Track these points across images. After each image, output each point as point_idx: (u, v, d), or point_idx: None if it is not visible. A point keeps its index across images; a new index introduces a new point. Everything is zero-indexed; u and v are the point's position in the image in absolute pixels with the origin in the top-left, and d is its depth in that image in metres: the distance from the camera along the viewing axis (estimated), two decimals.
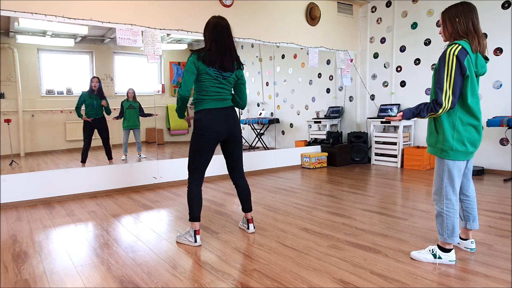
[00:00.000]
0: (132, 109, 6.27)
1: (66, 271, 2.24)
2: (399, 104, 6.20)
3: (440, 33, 2.24)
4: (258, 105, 8.33)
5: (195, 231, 2.61)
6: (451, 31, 2.13)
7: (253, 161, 5.72)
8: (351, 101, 7.04)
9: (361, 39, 6.84)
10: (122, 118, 6.26)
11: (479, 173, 5.02)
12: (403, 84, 6.21)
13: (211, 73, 2.52)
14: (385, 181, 4.78)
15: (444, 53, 2.05)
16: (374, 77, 6.67)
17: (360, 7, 6.78)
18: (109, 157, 5.62)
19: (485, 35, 5.06)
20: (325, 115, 7.21)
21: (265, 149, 7.13)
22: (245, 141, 8.14)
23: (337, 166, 6.18)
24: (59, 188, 4.16)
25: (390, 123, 5.97)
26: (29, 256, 2.49)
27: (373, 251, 2.42)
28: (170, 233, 2.92)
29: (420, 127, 6.07)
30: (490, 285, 1.91)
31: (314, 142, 6.89)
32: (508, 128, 4.85)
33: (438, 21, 5.53)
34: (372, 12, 6.61)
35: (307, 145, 6.72)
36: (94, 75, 6.69)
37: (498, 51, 5.00)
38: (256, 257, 2.38)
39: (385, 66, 6.47)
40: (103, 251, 2.55)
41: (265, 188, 4.54)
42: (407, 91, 6.15)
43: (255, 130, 7.95)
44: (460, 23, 2.08)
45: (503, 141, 5.02)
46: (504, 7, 4.90)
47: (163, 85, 7.78)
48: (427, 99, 5.77)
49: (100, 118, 5.49)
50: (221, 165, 5.10)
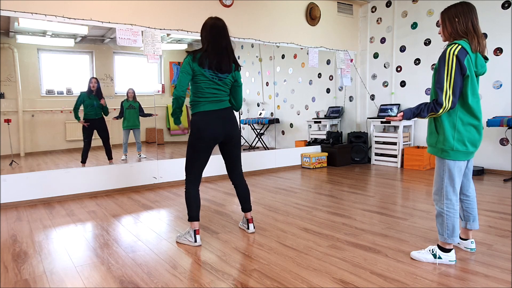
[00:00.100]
0: (132, 109, 6.27)
1: (66, 271, 2.24)
2: (399, 104, 6.20)
3: (440, 33, 2.24)
4: (258, 105, 8.33)
5: (194, 231, 2.61)
6: (450, 31, 2.13)
7: (253, 161, 5.72)
8: (351, 101, 7.04)
9: (361, 39, 6.84)
10: (122, 118, 6.26)
11: (479, 173, 5.02)
12: (403, 84, 6.21)
13: (207, 74, 2.52)
14: (385, 181, 4.78)
15: (444, 53, 2.04)
16: (374, 77, 6.67)
17: (360, 7, 6.78)
18: (109, 157, 5.62)
19: (485, 35, 5.07)
20: (325, 115, 7.21)
21: (265, 149, 7.13)
22: (245, 141, 8.14)
23: (337, 166, 6.18)
24: (59, 188, 4.16)
25: (390, 123, 5.97)
26: (29, 256, 2.49)
27: (373, 251, 2.42)
28: (170, 233, 2.92)
29: (420, 127, 6.07)
30: (490, 285, 1.91)
31: (314, 142, 6.89)
32: (508, 128, 4.85)
33: (438, 21, 5.52)
34: (372, 12, 6.61)
35: (307, 145, 6.72)
36: (94, 75, 6.70)
37: (498, 51, 5.00)
38: (256, 257, 2.38)
39: (385, 66, 6.47)
40: (103, 251, 2.55)
41: (265, 188, 4.54)
42: (407, 91, 6.15)
43: (255, 130, 7.95)
44: (460, 23, 2.08)
45: (503, 141, 5.02)
46: (504, 7, 4.90)
47: (163, 85, 7.78)
48: (427, 99, 5.77)
49: (99, 119, 5.49)
50: (221, 165, 5.09)
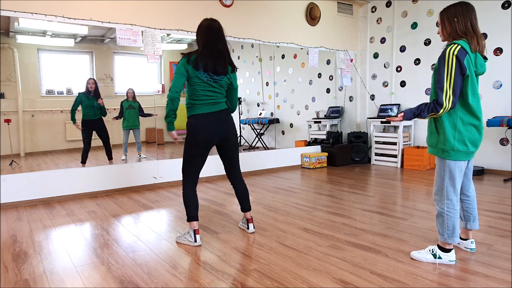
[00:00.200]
0: (132, 109, 6.27)
1: (66, 271, 2.24)
2: (399, 104, 6.20)
3: (438, 33, 2.24)
4: (258, 105, 8.33)
5: (194, 230, 2.61)
6: (449, 31, 2.13)
7: (253, 161, 5.72)
8: (351, 101, 7.04)
9: (361, 39, 6.84)
10: (122, 118, 6.26)
11: (479, 173, 5.02)
12: (403, 84, 6.21)
13: (202, 77, 2.51)
14: (385, 181, 4.78)
15: (444, 53, 2.04)
16: (374, 77, 6.67)
17: (360, 7, 6.78)
18: (109, 157, 5.62)
19: (485, 35, 5.07)
20: (325, 115, 7.21)
21: (265, 149, 7.13)
22: (245, 141, 8.14)
23: (337, 166, 6.18)
24: (59, 188, 4.16)
25: (390, 123, 5.97)
26: (29, 256, 2.49)
27: (373, 251, 2.42)
28: (170, 233, 2.92)
29: (420, 127, 6.07)
30: (490, 285, 1.91)
31: (314, 142, 6.89)
32: (508, 128, 4.85)
33: (438, 21, 5.52)
34: (372, 12, 6.60)
35: (307, 145, 6.72)
36: (94, 75, 6.70)
37: (498, 51, 5.00)
38: (256, 257, 2.38)
39: (385, 66, 6.47)
40: (103, 251, 2.55)
41: (265, 188, 4.54)
42: (407, 91, 6.15)
43: (255, 130, 7.94)
44: (459, 23, 2.07)
45: (503, 141, 5.02)
46: (504, 7, 4.90)
47: (163, 85, 7.77)
48: (427, 99, 5.77)
49: (98, 119, 5.48)
50: (221, 165, 5.09)
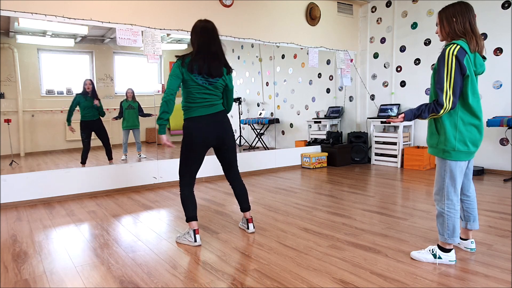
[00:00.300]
0: (131, 109, 6.27)
1: (66, 271, 2.24)
2: (399, 104, 6.20)
3: (437, 33, 2.23)
4: (258, 105, 8.33)
5: (194, 230, 2.61)
6: (448, 31, 2.12)
7: (253, 161, 5.71)
8: (351, 101, 7.04)
9: (361, 39, 6.84)
10: (122, 118, 6.26)
11: (479, 173, 5.02)
12: (403, 84, 6.21)
13: (196, 80, 2.50)
14: (385, 181, 4.78)
15: (443, 53, 2.04)
16: (374, 77, 6.67)
17: (360, 7, 6.78)
18: (109, 157, 5.62)
19: (485, 35, 5.07)
20: (325, 115, 7.21)
21: (265, 149, 7.13)
22: (245, 141, 8.14)
23: (337, 166, 6.18)
24: (59, 188, 4.16)
25: (390, 123, 5.96)
26: (29, 256, 2.49)
27: (373, 251, 2.42)
28: (170, 233, 2.92)
29: (420, 127, 6.07)
30: (490, 285, 1.91)
31: (314, 142, 6.89)
32: (508, 128, 4.85)
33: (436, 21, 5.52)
34: (372, 12, 6.60)
35: (307, 145, 6.72)
36: (94, 75, 6.70)
37: (498, 51, 5.00)
38: (256, 257, 2.38)
39: (385, 66, 6.47)
40: (103, 251, 2.55)
41: (265, 188, 4.54)
42: (407, 91, 6.15)
43: (255, 130, 7.94)
44: (458, 23, 2.07)
45: (503, 141, 5.02)
46: (504, 7, 4.90)
47: (163, 85, 7.76)
48: (427, 99, 5.77)
49: (96, 120, 5.48)
50: (220, 166, 5.09)
